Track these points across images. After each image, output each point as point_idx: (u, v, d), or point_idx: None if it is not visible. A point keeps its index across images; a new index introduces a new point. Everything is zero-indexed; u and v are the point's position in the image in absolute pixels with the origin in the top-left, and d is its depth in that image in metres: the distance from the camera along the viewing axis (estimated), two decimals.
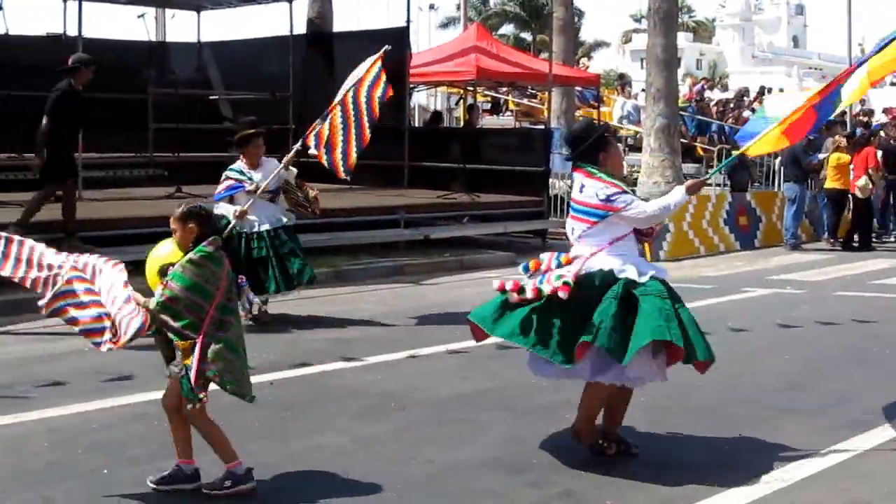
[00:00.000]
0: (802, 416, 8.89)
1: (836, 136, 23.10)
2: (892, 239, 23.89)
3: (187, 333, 6.58)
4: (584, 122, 8.15)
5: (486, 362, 10.76)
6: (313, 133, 11.62)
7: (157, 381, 9.49)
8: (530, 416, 8.76)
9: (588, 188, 7.59)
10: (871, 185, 21.85)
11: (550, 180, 21.80)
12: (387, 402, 9.02)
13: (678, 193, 7.82)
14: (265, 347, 10.90)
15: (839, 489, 7.14)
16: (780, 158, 23.78)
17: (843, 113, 32.35)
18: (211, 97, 24.68)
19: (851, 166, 21.92)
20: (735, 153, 8.81)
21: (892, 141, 24.58)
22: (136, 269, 7.51)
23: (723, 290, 15.82)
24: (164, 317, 6.56)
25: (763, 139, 9.01)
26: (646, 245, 19.08)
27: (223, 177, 12.51)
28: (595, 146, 7.73)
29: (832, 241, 22.43)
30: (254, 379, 9.57)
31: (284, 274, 12.31)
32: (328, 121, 11.61)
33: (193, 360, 6.59)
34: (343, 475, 7.19)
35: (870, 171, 21.80)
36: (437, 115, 29.24)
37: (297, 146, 11.85)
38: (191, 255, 6.63)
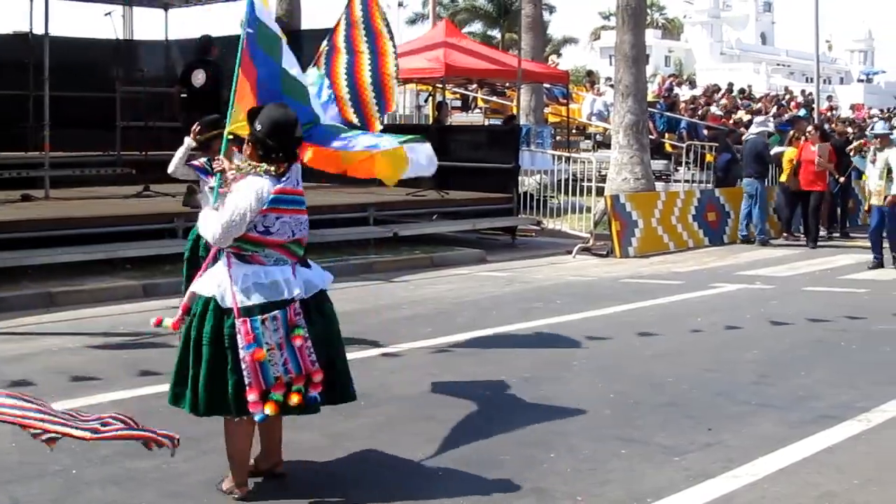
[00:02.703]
0: (772, 411, 8.92)
1: (793, 132, 23.26)
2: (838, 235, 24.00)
3: None
4: (286, 106, 6.99)
5: (457, 359, 10.77)
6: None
7: (124, 382, 9.54)
8: (502, 413, 8.75)
9: None
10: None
11: (520, 177, 21.81)
12: (358, 399, 8.98)
13: None
14: None
15: (809, 482, 7.16)
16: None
17: (812, 108, 32.52)
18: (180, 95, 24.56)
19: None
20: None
21: (837, 136, 24.55)
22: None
23: (692, 286, 15.86)
24: None
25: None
26: (616, 241, 19.16)
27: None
28: None
29: (786, 235, 22.60)
30: None
31: None
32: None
33: None
34: (315, 472, 7.17)
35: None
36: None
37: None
38: None
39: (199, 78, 16.93)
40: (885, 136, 18.45)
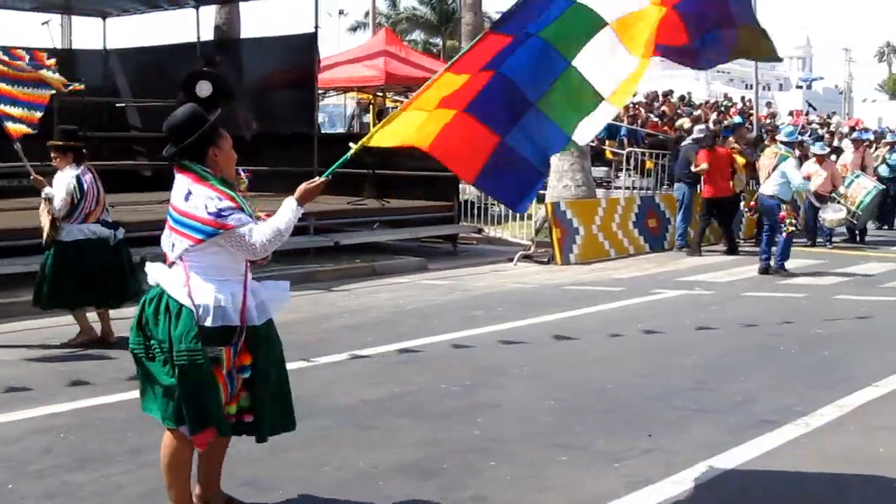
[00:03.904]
0: (711, 416, 8.96)
1: (731, 138, 23.32)
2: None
3: None
4: (189, 108, 6.37)
5: (396, 368, 10.75)
6: None
7: (60, 394, 9.45)
8: (441, 420, 8.74)
9: (196, 196, 6.08)
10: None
11: (461, 185, 21.80)
12: (298, 408, 8.91)
13: (288, 210, 6.26)
14: None
15: (749, 487, 7.20)
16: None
17: (749, 115, 32.69)
18: (118, 105, 24.44)
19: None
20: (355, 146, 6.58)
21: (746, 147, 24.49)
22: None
23: (633, 292, 15.92)
24: None
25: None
26: (557, 248, 19.13)
27: None
28: (204, 139, 6.23)
29: (725, 241, 22.67)
30: None
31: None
32: None
33: None
34: (253, 482, 7.13)
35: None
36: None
37: None
38: None
39: (204, 89, 17.91)
40: (800, 143, 18.45)
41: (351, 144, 6.61)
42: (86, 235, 11.45)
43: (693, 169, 21.43)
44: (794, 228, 18.02)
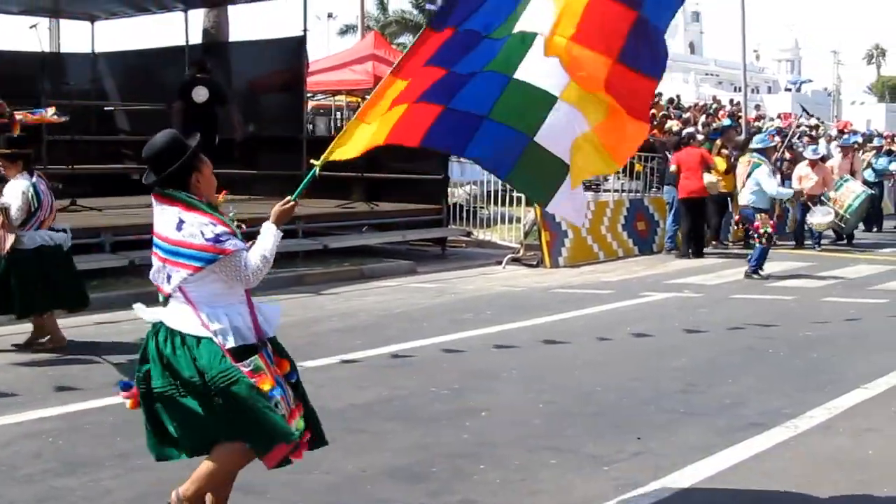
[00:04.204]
0: (700, 418, 8.96)
1: (718, 141, 23.27)
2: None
3: None
4: (168, 134, 6.17)
5: (385, 371, 10.75)
6: None
7: (48, 399, 9.42)
8: (431, 424, 8.73)
9: (189, 224, 5.91)
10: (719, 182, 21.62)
11: (449, 189, 21.80)
12: None
13: (269, 235, 6.24)
14: None
15: (738, 489, 7.20)
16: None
17: (738, 117, 32.72)
18: (106, 108, 24.39)
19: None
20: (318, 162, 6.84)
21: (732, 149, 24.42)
22: None
23: (622, 295, 15.93)
24: None
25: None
26: (546, 251, 19.09)
27: None
28: (186, 167, 6.05)
29: (715, 243, 22.68)
30: None
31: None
32: None
33: None
34: (243, 487, 7.10)
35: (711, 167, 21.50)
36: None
37: None
38: None
39: (200, 94, 18.18)
40: (790, 147, 18.41)
41: (313, 161, 6.72)
42: (45, 241, 11.45)
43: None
44: (765, 241, 17.93)
